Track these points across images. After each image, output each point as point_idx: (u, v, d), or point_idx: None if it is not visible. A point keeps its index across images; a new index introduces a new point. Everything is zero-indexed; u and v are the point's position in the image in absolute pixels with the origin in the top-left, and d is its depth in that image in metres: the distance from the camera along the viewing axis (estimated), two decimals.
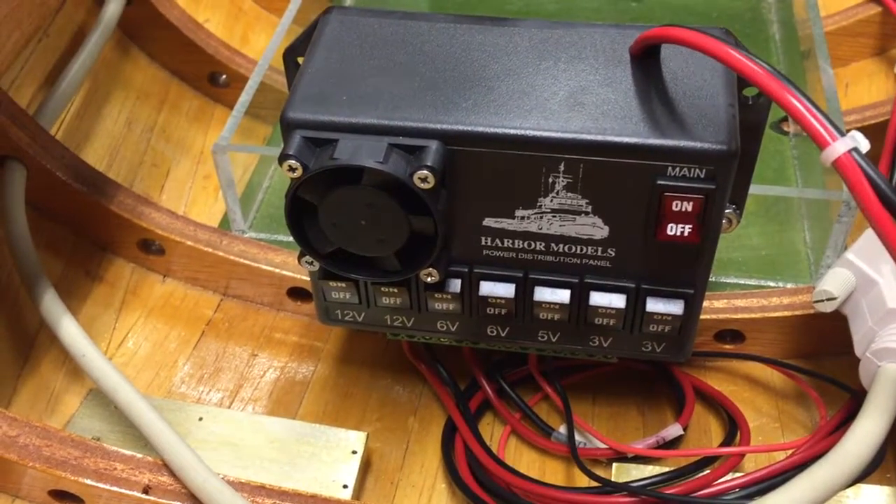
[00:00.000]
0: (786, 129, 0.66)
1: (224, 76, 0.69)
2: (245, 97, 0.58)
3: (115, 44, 0.68)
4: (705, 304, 0.45)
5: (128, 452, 0.44)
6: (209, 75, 0.70)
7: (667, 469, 0.45)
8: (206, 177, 0.65)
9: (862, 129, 0.31)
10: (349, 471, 0.46)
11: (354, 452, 0.47)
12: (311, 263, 0.41)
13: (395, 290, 0.42)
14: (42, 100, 0.60)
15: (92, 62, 0.63)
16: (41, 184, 0.55)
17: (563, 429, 0.48)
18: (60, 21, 0.64)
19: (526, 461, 0.48)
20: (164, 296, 0.57)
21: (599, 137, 0.36)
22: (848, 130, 0.31)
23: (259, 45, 0.75)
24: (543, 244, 0.40)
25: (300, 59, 0.42)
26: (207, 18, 0.74)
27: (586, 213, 0.38)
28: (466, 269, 0.41)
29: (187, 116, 0.69)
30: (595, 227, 0.39)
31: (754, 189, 0.45)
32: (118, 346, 0.54)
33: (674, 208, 0.36)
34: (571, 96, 0.37)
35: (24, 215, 0.53)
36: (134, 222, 0.55)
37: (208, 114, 0.70)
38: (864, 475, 0.39)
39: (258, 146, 0.65)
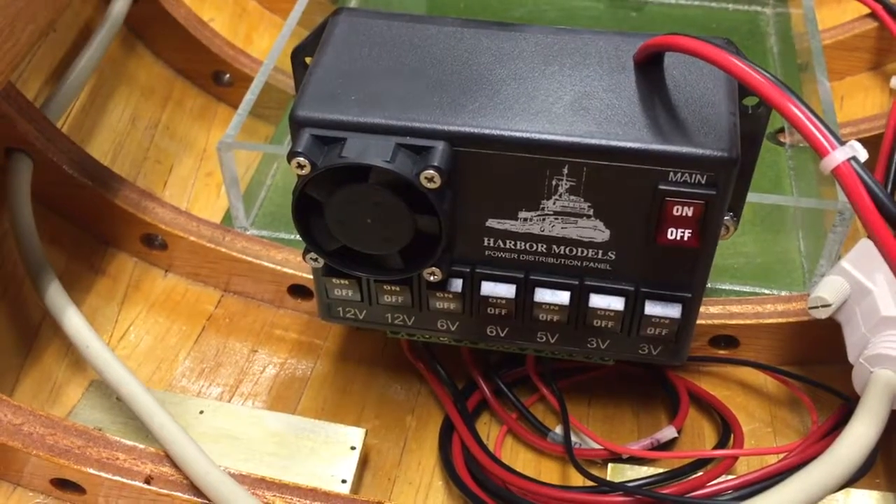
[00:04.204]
0: (782, 139, 0.66)
1: (228, 75, 0.70)
2: (250, 96, 0.59)
3: (121, 41, 0.69)
4: (701, 309, 0.46)
5: (130, 443, 0.44)
6: (213, 74, 0.70)
7: (661, 470, 0.46)
8: (208, 174, 0.66)
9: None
10: (348, 466, 0.47)
11: (353, 448, 0.47)
12: (315, 260, 0.41)
13: (398, 289, 0.43)
14: (48, 94, 0.61)
15: (98, 58, 0.64)
16: (47, 177, 0.55)
17: (559, 429, 0.49)
18: (68, 17, 0.65)
19: (522, 461, 0.49)
20: (166, 290, 0.58)
21: (603, 142, 0.36)
22: (846, 140, 0.32)
23: (262, 45, 0.76)
24: (545, 246, 0.40)
25: (308, 59, 0.43)
26: (212, 17, 0.75)
27: (588, 216, 0.39)
28: (468, 269, 0.42)
29: (191, 114, 0.70)
30: (596, 230, 0.39)
31: (751, 197, 0.46)
32: (120, 338, 0.55)
33: (674, 213, 0.37)
34: (576, 101, 0.38)
35: (29, 207, 0.53)
36: (138, 217, 0.56)
37: (211, 112, 0.70)
38: (854, 479, 0.39)
39: (262, 144, 0.66)
